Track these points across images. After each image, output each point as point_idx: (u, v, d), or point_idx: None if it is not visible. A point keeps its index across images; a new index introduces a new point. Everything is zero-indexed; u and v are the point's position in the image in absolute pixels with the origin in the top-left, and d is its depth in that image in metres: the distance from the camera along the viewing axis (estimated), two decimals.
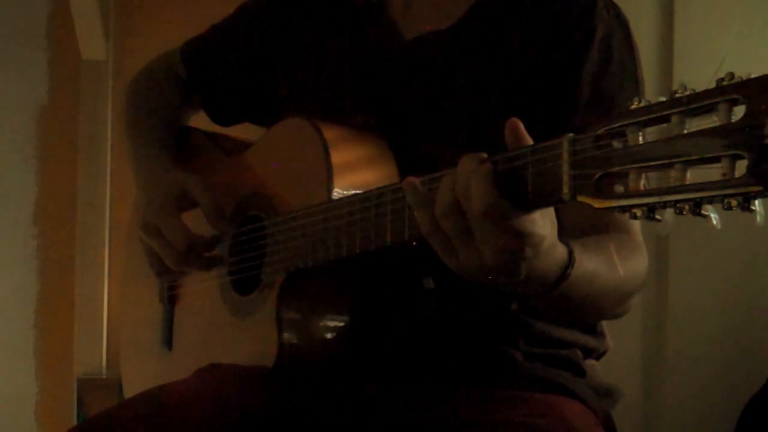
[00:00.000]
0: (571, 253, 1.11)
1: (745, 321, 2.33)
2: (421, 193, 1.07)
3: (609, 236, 1.29)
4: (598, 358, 1.52)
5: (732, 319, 2.33)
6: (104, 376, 2.54)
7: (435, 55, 1.46)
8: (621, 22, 1.44)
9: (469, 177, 1.01)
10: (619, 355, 1.59)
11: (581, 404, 1.38)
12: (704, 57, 2.28)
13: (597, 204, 0.91)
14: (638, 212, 0.87)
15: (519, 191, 0.99)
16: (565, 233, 1.14)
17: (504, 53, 1.41)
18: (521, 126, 1.02)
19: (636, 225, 1.38)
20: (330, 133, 1.37)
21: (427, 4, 1.50)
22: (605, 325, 1.52)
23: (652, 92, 0.86)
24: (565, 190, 0.94)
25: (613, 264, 1.23)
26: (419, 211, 1.07)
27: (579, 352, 1.47)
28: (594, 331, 1.50)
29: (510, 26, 1.42)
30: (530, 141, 1.01)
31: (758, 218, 0.81)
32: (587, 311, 1.31)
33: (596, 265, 1.18)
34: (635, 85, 1.42)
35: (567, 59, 1.38)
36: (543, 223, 1.03)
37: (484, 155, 1.03)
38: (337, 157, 1.34)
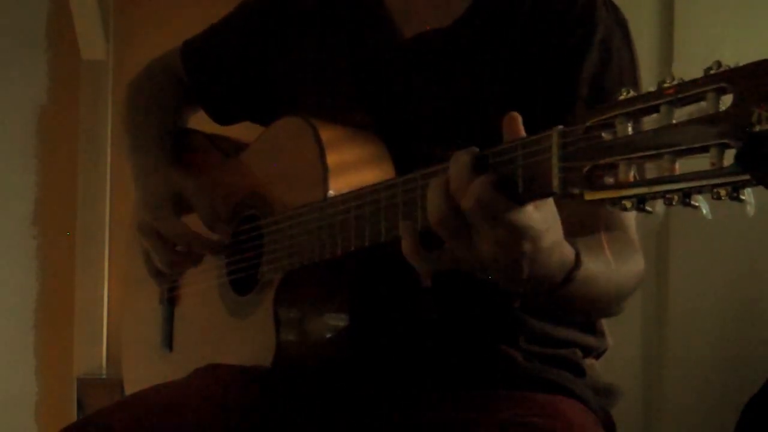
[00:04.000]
0: (578, 254, 1.12)
1: (745, 321, 2.32)
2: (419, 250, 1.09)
3: (609, 236, 1.29)
4: (597, 357, 1.51)
5: (732, 319, 2.33)
6: (104, 376, 2.54)
7: (434, 53, 1.46)
8: (620, 22, 1.44)
9: (462, 173, 1.01)
10: (619, 354, 1.58)
11: (581, 404, 1.38)
12: (704, 57, 2.27)
13: (587, 196, 0.91)
14: (628, 204, 0.87)
15: (510, 185, 0.99)
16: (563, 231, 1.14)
17: (503, 53, 1.41)
18: (520, 120, 1.02)
19: (631, 221, 1.38)
20: (326, 132, 1.37)
21: (427, 3, 1.49)
22: (605, 324, 1.52)
23: None
24: (555, 182, 0.94)
25: (615, 265, 1.23)
26: (413, 260, 1.10)
27: (578, 352, 1.46)
28: (594, 330, 1.49)
29: (509, 26, 1.42)
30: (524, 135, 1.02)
31: (748, 209, 0.80)
32: (587, 310, 1.32)
33: (599, 267, 1.18)
34: (634, 85, 1.42)
35: (566, 59, 1.38)
36: (540, 216, 1.02)
37: (476, 149, 1.03)
38: (333, 157, 1.34)
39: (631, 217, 1.39)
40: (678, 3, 2.35)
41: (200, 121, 1.76)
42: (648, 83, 1.45)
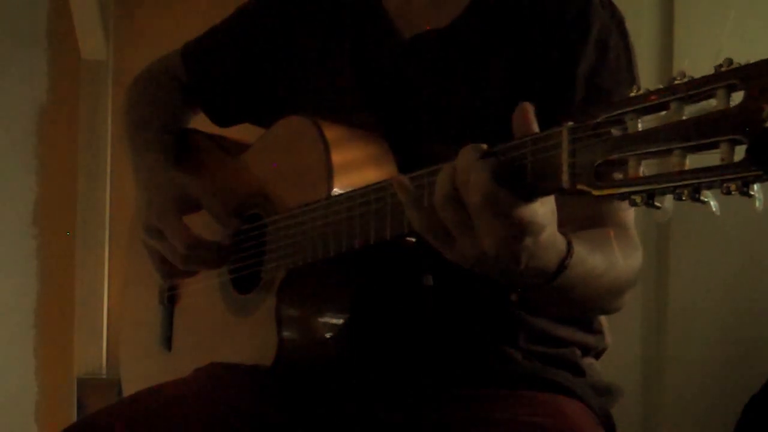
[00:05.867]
0: (569, 244, 1.12)
1: (745, 321, 2.33)
2: (412, 191, 1.08)
3: (606, 231, 1.29)
4: (597, 356, 1.52)
5: (732, 319, 2.33)
6: (104, 376, 2.54)
7: (433, 53, 1.46)
8: (616, 19, 1.44)
9: (469, 168, 1.01)
10: (618, 353, 1.59)
11: (580, 403, 1.38)
12: (704, 55, 2.28)
13: (596, 192, 0.91)
14: (638, 199, 0.87)
15: (519, 181, 0.99)
16: (561, 226, 1.14)
17: (501, 51, 1.42)
18: (532, 111, 1.02)
19: (631, 219, 1.38)
20: (330, 132, 1.37)
21: (426, 3, 1.50)
22: (604, 323, 1.53)
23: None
24: (565, 178, 0.94)
25: (611, 259, 1.24)
26: (410, 209, 1.08)
27: (578, 351, 1.47)
28: (592, 329, 1.50)
29: (507, 24, 1.43)
30: (536, 128, 1.01)
31: (757, 203, 0.81)
32: (584, 305, 1.31)
33: (594, 260, 1.19)
34: (631, 82, 1.42)
35: (563, 57, 1.39)
36: (543, 212, 1.02)
37: (484, 146, 1.03)
38: (337, 156, 1.34)
39: (629, 215, 1.39)
40: (678, 3, 2.36)
41: (201, 122, 1.77)
42: (648, 82, 1.45)
